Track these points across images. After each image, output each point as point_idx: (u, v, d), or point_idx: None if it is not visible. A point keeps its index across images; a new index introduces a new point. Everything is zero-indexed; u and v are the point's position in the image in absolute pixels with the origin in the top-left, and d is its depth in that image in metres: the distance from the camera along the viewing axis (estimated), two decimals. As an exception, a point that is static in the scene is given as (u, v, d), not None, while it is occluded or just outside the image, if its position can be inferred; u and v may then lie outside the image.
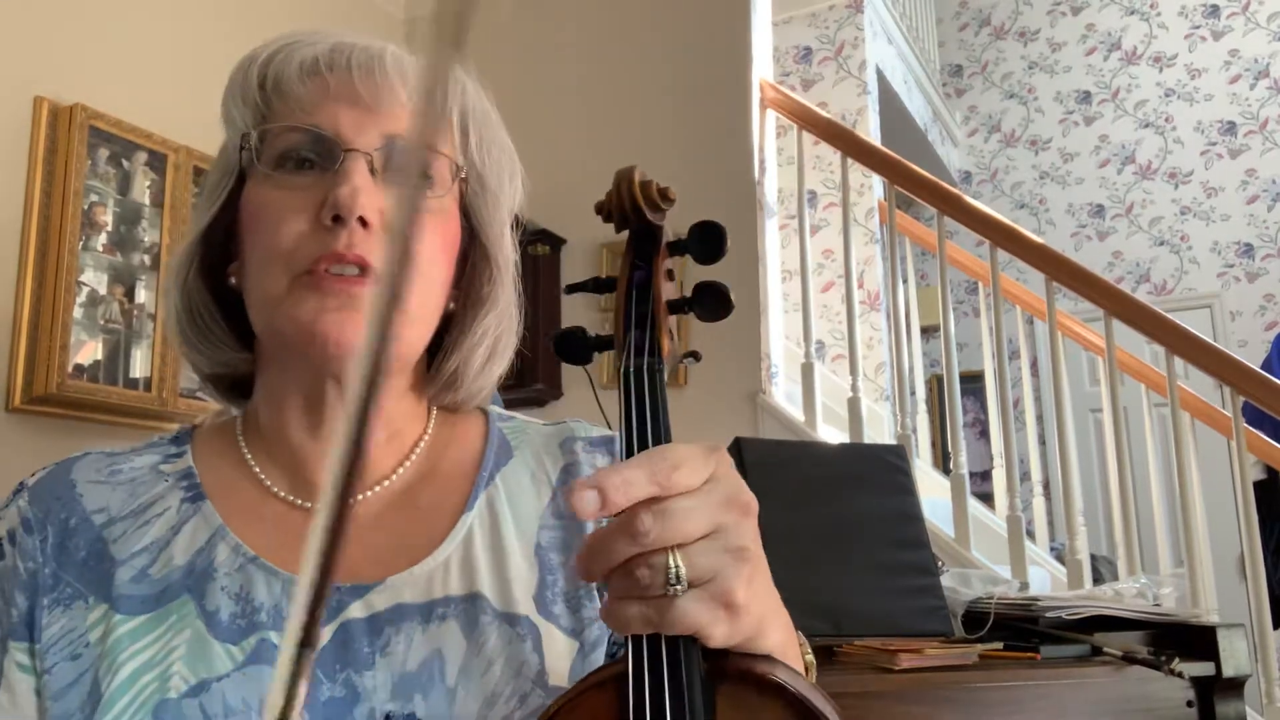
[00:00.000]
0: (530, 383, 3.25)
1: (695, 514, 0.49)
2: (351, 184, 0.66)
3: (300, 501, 0.72)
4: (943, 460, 3.92)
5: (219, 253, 0.73)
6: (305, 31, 0.73)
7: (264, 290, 0.67)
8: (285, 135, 0.69)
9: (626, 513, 0.48)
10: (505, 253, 0.77)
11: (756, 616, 0.52)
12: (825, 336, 4.15)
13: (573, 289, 0.69)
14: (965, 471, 2.93)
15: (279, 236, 0.67)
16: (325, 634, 0.66)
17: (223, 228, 0.72)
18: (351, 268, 0.66)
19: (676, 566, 0.49)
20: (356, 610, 0.66)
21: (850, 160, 3.21)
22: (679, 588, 0.49)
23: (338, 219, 0.66)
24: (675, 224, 0.65)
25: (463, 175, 0.73)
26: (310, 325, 0.65)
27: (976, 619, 1.56)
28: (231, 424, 0.77)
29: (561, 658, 0.67)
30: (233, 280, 0.72)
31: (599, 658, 0.69)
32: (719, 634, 0.50)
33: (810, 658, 0.64)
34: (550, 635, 0.68)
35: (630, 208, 0.63)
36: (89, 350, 2.52)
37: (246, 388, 0.77)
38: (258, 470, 0.73)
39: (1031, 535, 3.30)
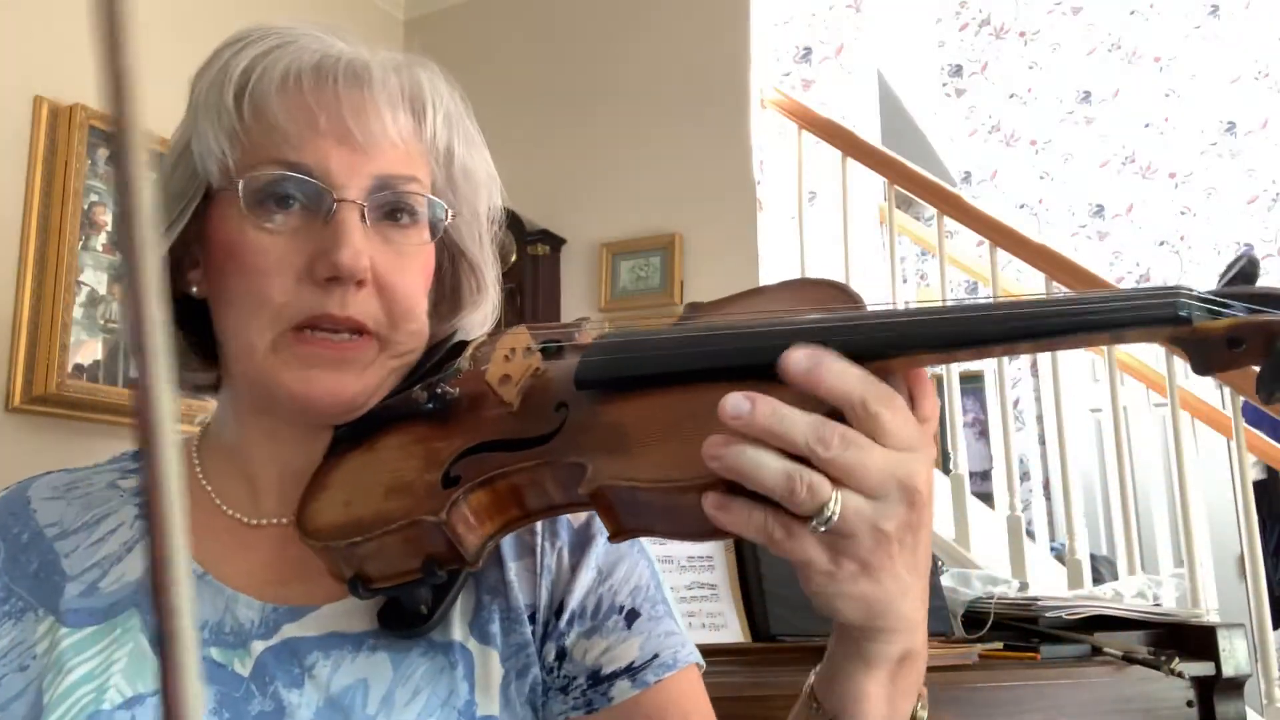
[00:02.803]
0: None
1: (880, 468, 0.47)
2: (353, 245, 0.64)
3: (250, 520, 0.72)
4: (942, 460, 3.92)
5: (178, 259, 0.70)
6: (282, 31, 0.69)
7: (247, 338, 0.66)
8: (268, 170, 0.65)
9: (813, 419, 0.47)
10: (487, 260, 0.77)
11: (872, 603, 0.50)
12: (825, 336, 4.13)
13: None
14: (965, 471, 2.93)
15: (266, 287, 0.64)
16: (259, 648, 0.66)
17: (180, 236, 0.69)
18: (343, 330, 0.65)
19: (835, 506, 0.47)
20: (291, 631, 0.66)
21: (850, 160, 3.21)
22: (819, 526, 0.47)
23: (334, 279, 0.64)
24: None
25: (450, 219, 0.72)
26: (302, 393, 0.65)
27: (976, 619, 1.56)
28: (189, 441, 0.77)
29: (494, 683, 0.66)
30: (195, 289, 0.70)
31: (533, 679, 0.68)
32: (817, 582, 0.49)
33: (923, 714, 0.61)
34: (484, 659, 0.67)
35: None
36: (89, 350, 2.52)
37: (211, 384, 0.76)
38: (209, 488, 0.73)
39: (1031, 535, 3.29)
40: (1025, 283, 4.15)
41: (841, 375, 0.48)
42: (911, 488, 0.49)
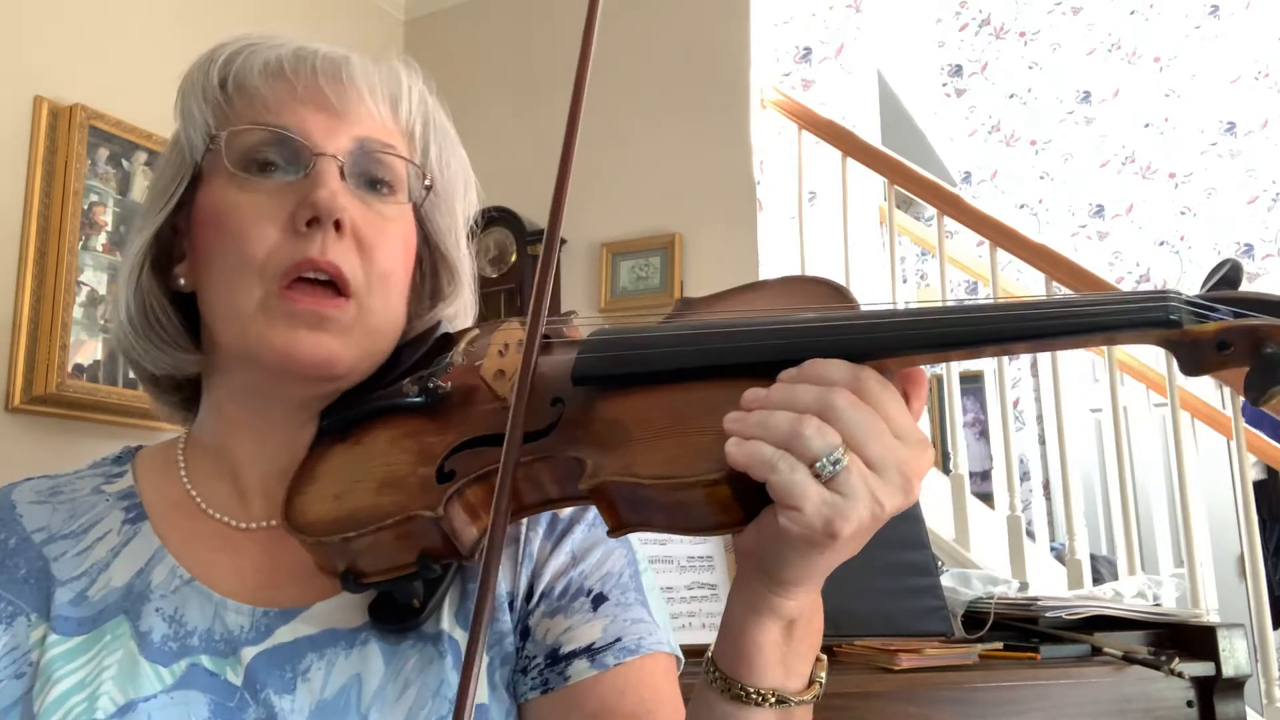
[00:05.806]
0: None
1: (884, 442, 0.50)
2: (329, 186, 0.66)
3: (237, 523, 0.71)
4: (942, 460, 3.92)
5: (168, 252, 0.73)
6: (265, 34, 0.73)
7: (234, 302, 0.67)
8: (251, 134, 0.68)
9: (822, 389, 0.50)
10: (462, 257, 0.79)
11: (817, 569, 0.54)
12: (825, 336, 4.13)
13: None
14: (965, 471, 2.93)
15: (250, 243, 0.66)
16: (249, 655, 0.65)
17: (171, 227, 0.72)
18: (323, 276, 0.66)
19: (842, 454, 0.49)
20: (284, 635, 0.66)
21: (850, 160, 3.21)
22: (826, 466, 0.49)
23: (313, 221, 0.65)
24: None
25: (427, 183, 0.74)
26: (285, 350, 0.65)
27: (976, 619, 1.56)
28: (174, 444, 0.77)
29: (481, 671, 0.66)
30: (182, 281, 0.72)
31: (512, 665, 0.68)
32: (792, 531, 0.50)
33: (822, 677, 0.61)
34: None
35: None
36: (89, 350, 2.52)
37: (190, 389, 0.77)
38: (193, 492, 0.73)
39: (1031, 535, 3.29)
40: (1025, 283, 4.15)
41: (838, 367, 0.51)
42: (909, 476, 0.50)
